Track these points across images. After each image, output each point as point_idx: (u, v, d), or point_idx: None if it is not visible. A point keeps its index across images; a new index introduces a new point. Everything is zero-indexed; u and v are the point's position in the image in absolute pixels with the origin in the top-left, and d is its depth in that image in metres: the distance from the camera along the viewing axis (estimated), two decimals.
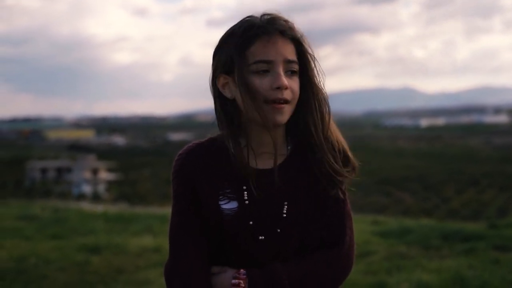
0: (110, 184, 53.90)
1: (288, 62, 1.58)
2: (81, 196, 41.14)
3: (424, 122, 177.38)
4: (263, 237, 1.62)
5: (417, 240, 7.78)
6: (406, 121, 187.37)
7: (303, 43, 1.62)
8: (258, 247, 1.63)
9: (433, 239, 7.77)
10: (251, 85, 1.56)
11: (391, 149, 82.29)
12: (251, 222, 1.62)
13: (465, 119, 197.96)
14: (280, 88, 1.55)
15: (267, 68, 1.56)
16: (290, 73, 1.58)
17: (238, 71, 1.58)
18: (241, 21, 1.63)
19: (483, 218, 22.02)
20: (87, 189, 49.86)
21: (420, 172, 53.40)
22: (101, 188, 51.57)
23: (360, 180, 1.74)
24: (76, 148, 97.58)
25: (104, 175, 58.01)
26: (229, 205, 1.62)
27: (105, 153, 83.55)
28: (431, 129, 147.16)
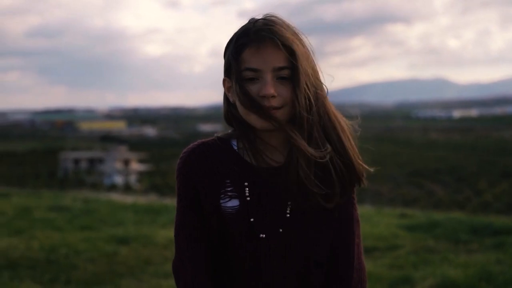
0: (141, 175, 54.42)
1: (277, 69, 1.57)
2: (112, 187, 41.63)
3: (457, 114, 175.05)
4: (264, 236, 1.62)
5: (445, 234, 7.70)
6: (439, 113, 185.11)
7: (294, 50, 1.58)
8: (259, 245, 1.62)
9: (462, 233, 7.67)
10: (240, 93, 1.58)
11: (423, 141, 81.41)
12: (252, 219, 1.62)
13: (498, 110, 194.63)
14: (266, 96, 1.56)
15: (255, 76, 1.57)
16: (280, 79, 1.58)
17: (232, 77, 1.62)
18: (241, 26, 1.64)
19: None
20: (118, 179, 50.39)
21: (452, 164, 52.74)
22: (133, 179, 52.10)
23: (391, 172, 1.72)
24: (108, 139, 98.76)
25: (135, 166, 58.63)
26: (230, 203, 1.62)
27: (137, 144, 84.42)
28: (464, 120, 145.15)
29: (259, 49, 1.57)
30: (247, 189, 1.63)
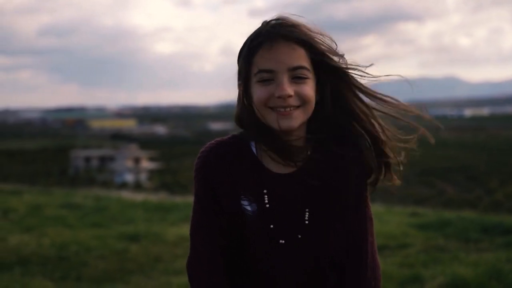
0: (151, 173, 54.56)
1: (292, 69, 1.55)
2: (123, 185, 41.77)
3: (468, 112, 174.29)
4: (283, 241, 1.62)
5: (455, 233, 7.67)
6: (450, 111, 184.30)
7: (313, 43, 1.57)
8: (278, 251, 1.63)
9: (473, 232, 7.65)
10: (256, 94, 1.58)
11: (434, 140, 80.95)
12: (272, 226, 1.62)
13: (510, 109, 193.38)
14: (281, 97, 1.54)
15: (271, 77, 1.56)
16: (297, 79, 1.56)
17: (244, 82, 1.61)
18: (255, 30, 1.63)
19: None
20: (129, 177, 50.57)
21: (464, 163, 52.52)
22: (143, 177, 52.25)
23: (402, 171, 1.73)
24: (119, 137, 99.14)
25: (145, 164, 58.79)
26: (249, 208, 1.62)
27: (147, 142, 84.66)
28: (475, 119, 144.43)
29: (271, 49, 1.55)
30: (266, 196, 1.62)
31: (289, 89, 1.54)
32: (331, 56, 1.62)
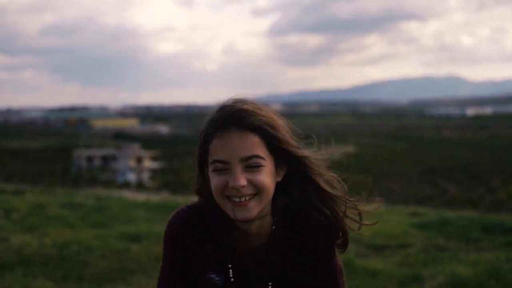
0: (154, 172, 54.60)
1: (245, 159, 1.54)
2: (125, 184, 41.79)
3: (471, 111, 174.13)
4: None
5: (456, 232, 7.68)
6: (452, 110, 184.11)
7: (267, 130, 1.56)
8: None
9: (473, 231, 7.66)
10: (213, 183, 1.58)
11: (437, 139, 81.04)
12: None
13: None
14: (235, 188, 1.53)
15: (225, 167, 1.54)
16: (251, 168, 1.54)
17: (201, 168, 1.63)
18: (214, 113, 1.64)
19: None
20: (131, 177, 50.60)
21: (466, 163, 52.46)
22: (145, 176, 52.29)
23: (404, 170, 1.73)
24: (121, 137, 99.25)
25: (148, 163, 58.83)
26: (217, 278, 1.65)
27: (149, 141, 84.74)
28: (478, 118, 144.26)
29: (223, 138, 1.55)
30: (231, 270, 1.65)
31: (242, 180, 1.53)
32: (286, 141, 1.60)
